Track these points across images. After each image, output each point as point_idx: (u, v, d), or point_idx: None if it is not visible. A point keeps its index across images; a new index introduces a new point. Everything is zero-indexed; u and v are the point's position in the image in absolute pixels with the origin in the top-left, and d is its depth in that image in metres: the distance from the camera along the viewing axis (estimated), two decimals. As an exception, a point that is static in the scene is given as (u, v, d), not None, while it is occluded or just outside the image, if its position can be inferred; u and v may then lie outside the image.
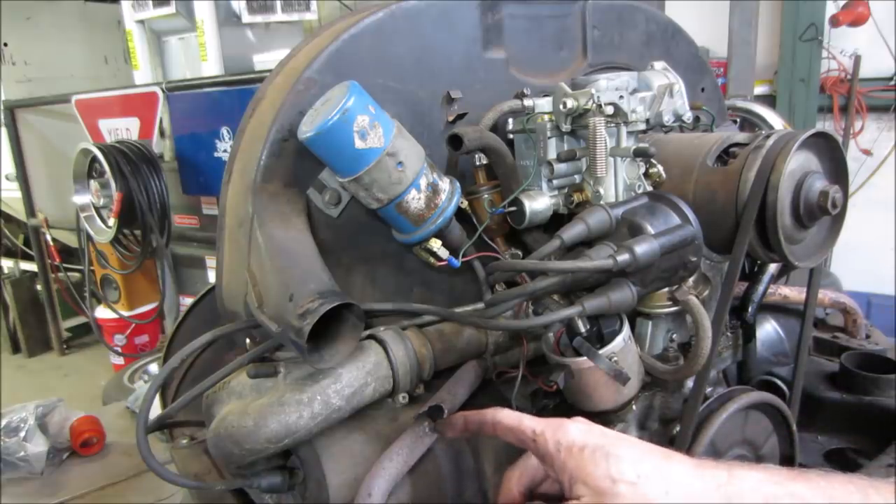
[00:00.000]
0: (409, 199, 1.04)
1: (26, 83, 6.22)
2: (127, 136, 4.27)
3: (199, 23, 4.38)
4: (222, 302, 1.15)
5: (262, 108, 1.15)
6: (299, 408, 0.91)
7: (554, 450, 0.79)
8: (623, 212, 1.07)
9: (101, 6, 6.45)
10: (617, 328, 1.04)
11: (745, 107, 1.84)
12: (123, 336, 4.94)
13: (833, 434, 1.50)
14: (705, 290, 1.20)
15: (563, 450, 0.78)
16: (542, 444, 0.80)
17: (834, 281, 2.08)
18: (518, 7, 1.28)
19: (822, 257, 1.20)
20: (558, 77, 1.33)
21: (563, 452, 0.78)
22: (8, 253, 6.60)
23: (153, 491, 2.46)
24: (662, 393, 1.19)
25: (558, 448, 0.78)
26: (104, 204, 4.07)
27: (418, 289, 1.21)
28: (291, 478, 1.00)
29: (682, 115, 1.25)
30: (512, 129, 1.21)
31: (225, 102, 3.81)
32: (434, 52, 1.18)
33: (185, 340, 1.32)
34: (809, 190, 1.08)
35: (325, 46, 1.09)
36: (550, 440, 0.79)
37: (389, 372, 1.00)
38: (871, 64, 4.63)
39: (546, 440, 0.80)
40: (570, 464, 0.77)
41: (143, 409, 0.98)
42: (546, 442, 0.80)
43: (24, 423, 2.61)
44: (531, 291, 1.01)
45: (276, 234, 1.03)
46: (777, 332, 1.57)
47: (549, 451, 0.79)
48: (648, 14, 1.49)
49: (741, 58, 4.41)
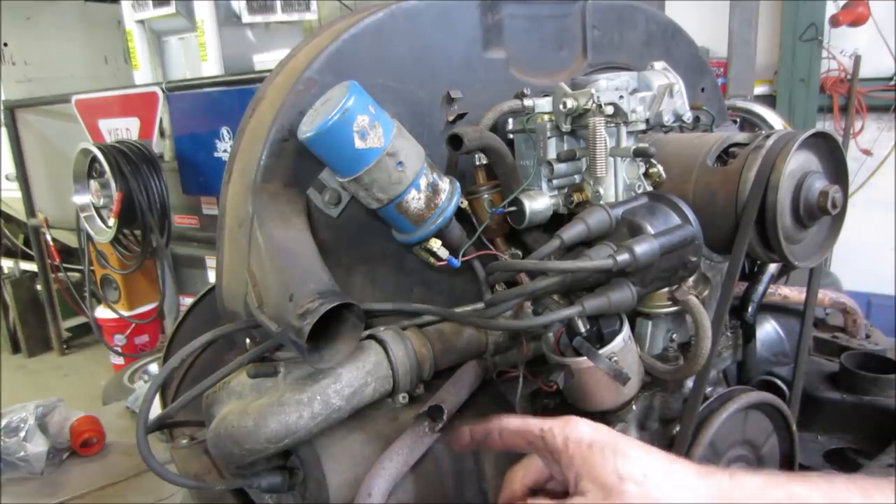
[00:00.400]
0: (409, 199, 1.04)
1: (26, 83, 6.22)
2: (127, 136, 4.27)
3: (199, 23, 4.38)
4: (222, 302, 1.15)
5: (262, 108, 1.15)
6: (299, 408, 0.91)
7: (562, 445, 0.79)
8: (623, 212, 1.07)
9: (101, 6, 6.45)
10: (617, 328, 1.04)
11: (745, 107, 1.84)
12: (123, 336, 4.94)
13: (833, 434, 1.50)
14: (705, 290, 1.20)
15: (571, 445, 0.78)
16: (551, 440, 0.80)
17: (834, 281, 2.08)
18: (518, 7, 1.28)
19: (822, 257, 1.20)
20: (558, 77, 1.33)
21: (572, 447, 0.78)
22: (8, 253, 6.59)
23: (153, 491, 2.46)
24: (662, 393, 1.19)
25: (566, 443, 0.79)
26: (104, 204, 4.07)
27: (418, 289, 1.22)
28: (291, 478, 1.00)
29: (682, 115, 1.25)
30: (512, 129, 1.21)
31: (225, 102, 3.81)
32: (434, 52, 1.18)
33: (185, 340, 1.32)
34: (809, 190, 1.08)
35: (325, 46, 1.09)
36: (559, 435, 0.80)
37: (389, 372, 1.00)
38: (871, 64, 4.62)
39: (554, 435, 0.80)
40: (578, 459, 0.77)
41: (143, 409, 0.98)
42: (554, 437, 0.80)
43: (24, 423, 2.61)
44: (531, 291, 1.01)
45: (276, 234, 1.03)
46: (777, 332, 1.56)
47: (556, 445, 0.79)
48: (648, 14, 1.49)
49: (741, 58, 4.41)
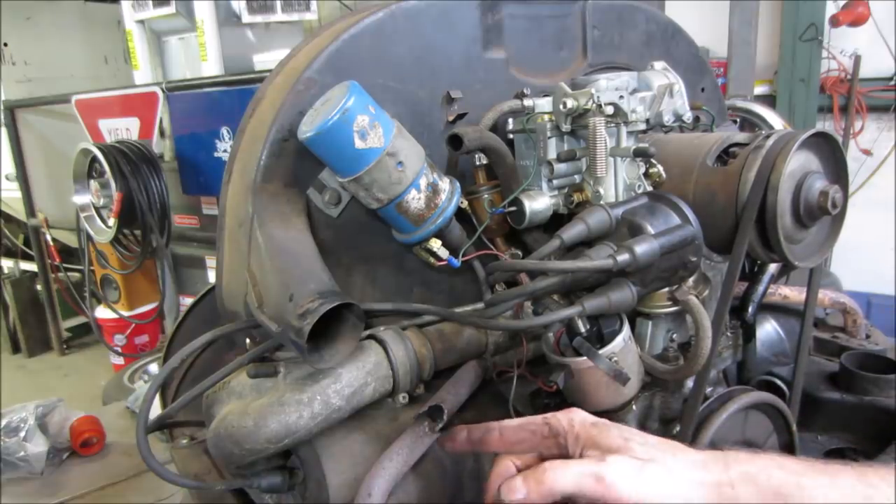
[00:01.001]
0: (409, 199, 1.04)
1: (26, 83, 6.22)
2: (127, 136, 4.27)
3: (199, 23, 4.38)
4: (222, 302, 1.15)
5: (262, 108, 1.15)
6: (299, 408, 0.91)
7: (567, 426, 0.82)
8: (623, 212, 1.07)
9: (101, 6, 6.45)
10: (617, 328, 1.04)
11: (745, 107, 1.84)
12: (123, 336, 4.94)
13: (833, 434, 1.50)
14: (705, 290, 1.20)
15: (576, 424, 0.82)
16: (555, 424, 0.83)
17: (834, 281, 2.08)
18: (518, 7, 1.28)
19: (822, 257, 1.20)
20: (558, 77, 1.33)
21: (577, 426, 0.82)
22: (8, 253, 6.59)
23: (153, 491, 2.46)
24: (662, 393, 1.19)
25: (571, 423, 0.82)
26: (104, 204, 4.07)
27: (418, 289, 1.21)
28: (291, 478, 1.00)
29: (682, 115, 1.25)
30: (512, 129, 1.21)
31: (225, 102, 3.81)
32: (434, 52, 1.18)
33: (185, 340, 1.32)
34: (809, 190, 1.08)
35: (325, 46, 1.09)
36: (563, 419, 0.83)
37: (389, 372, 1.00)
38: (871, 64, 4.62)
39: (558, 419, 0.83)
40: (584, 435, 0.81)
41: (143, 409, 0.98)
42: (559, 421, 0.83)
43: (24, 423, 2.61)
44: (531, 291, 1.01)
45: (276, 234, 1.03)
46: (777, 332, 1.56)
47: (562, 426, 0.82)
48: (648, 14, 1.49)
49: (741, 58, 4.41)
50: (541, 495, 0.76)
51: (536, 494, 0.76)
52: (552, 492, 0.76)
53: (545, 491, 0.76)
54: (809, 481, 0.74)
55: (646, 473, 0.75)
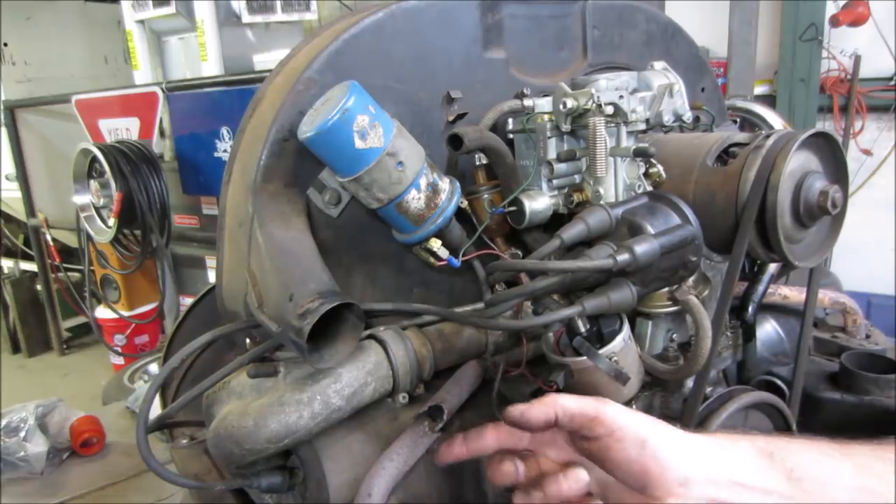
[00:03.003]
0: (409, 198, 1.04)
1: (26, 83, 6.22)
2: (127, 136, 4.27)
3: (199, 23, 4.38)
4: (222, 302, 1.15)
5: (262, 108, 1.15)
6: (299, 408, 0.91)
7: (580, 398, 0.83)
8: (623, 212, 1.07)
9: (101, 6, 6.45)
10: (617, 328, 1.04)
11: (745, 107, 1.84)
12: (123, 336, 4.95)
13: (833, 434, 1.49)
14: (705, 290, 1.20)
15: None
16: (564, 401, 0.83)
17: (834, 281, 2.08)
18: (518, 7, 1.28)
19: (822, 257, 1.20)
20: (558, 77, 1.33)
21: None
22: (8, 253, 6.60)
23: (153, 491, 2.46)
24: (662, 393, 1.19)
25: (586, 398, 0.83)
26: (104, 204, 4.07)
27: (418, 289, 1.21)
28: (291, 478, 1.00)
29: (682, 115, 1.25)
30: (512, 129, 1.21)
31: (225, 102, 3.81)
32: (434, 52, 1.18)
33: (185, 340, 1.32)
34: (809, 190, 1.08)
35: (325, 46, 1.09)
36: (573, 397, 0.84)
37: (389, 372, 1.00)
38: (871, 64, 4.62)
39: (567, 398, 0.83)
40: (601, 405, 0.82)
41: (143, 409, 0.98)
42: (567, 399, 0.83)
43: (24, 423, 2.61)
44: (531, 291, 1.01)
45: (276, 234, 1.03)
46: (777, 332, 1.56)
47: (570, 401, 0.82)
48: (648, 14, 1.49)
49: (741, 58, 4.41)
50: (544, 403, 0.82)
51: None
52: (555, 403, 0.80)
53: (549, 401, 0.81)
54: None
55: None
